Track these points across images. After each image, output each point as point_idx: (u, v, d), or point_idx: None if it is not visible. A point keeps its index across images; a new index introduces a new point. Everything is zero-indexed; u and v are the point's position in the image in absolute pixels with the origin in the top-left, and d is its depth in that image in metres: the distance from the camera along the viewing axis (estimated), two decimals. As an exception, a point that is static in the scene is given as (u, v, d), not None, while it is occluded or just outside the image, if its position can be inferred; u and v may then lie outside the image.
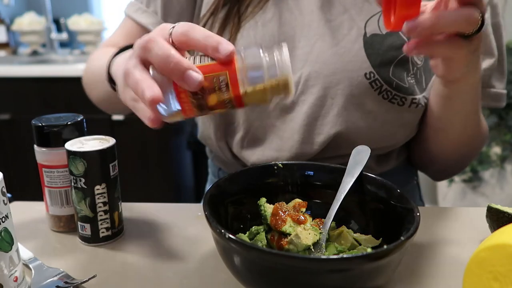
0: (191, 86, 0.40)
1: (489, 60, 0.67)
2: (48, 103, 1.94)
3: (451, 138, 0.67)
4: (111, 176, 0.55)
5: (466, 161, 0.74)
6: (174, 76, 0.41)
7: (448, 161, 0.72)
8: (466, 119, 0.64)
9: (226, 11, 0.67)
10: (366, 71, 0.62)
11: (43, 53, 2.33)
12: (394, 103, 0.64)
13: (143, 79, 0.41)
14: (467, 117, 0.63)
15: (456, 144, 0.68)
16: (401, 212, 0.48)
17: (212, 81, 0.41)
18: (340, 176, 0.53)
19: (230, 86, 0.41)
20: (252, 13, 0.66)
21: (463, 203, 2.08)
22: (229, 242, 0.40)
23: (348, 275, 0.39)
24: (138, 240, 0.59)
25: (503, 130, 2.03)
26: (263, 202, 0.53)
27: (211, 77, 0.41)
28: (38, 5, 2.28)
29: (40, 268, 0.50)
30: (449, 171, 0.78)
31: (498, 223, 0.53)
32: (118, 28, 0.79)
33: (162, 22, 0.69)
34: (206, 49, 0.41)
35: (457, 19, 0.44)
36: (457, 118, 0.64)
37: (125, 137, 1.88)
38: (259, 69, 0.42)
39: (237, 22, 0.66)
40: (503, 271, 0.36)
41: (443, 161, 0.72)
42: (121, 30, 0.77)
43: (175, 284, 0.49)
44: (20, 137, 1.97)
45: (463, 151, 0.70)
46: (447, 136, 0.67)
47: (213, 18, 0.68)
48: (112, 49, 0.66)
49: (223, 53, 0.41)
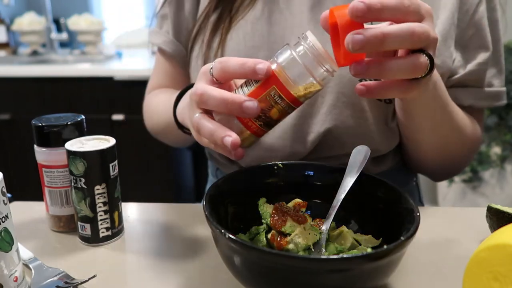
0: (252, 114, 0.45)
1: (484, 54, 0.66)
2: (48, 103, 1.94)
3: (424, 148, 0.66)
4: (111, 176, 0.55)
5: (459, 165, 0.73)
6: (235, 113, 0.45)
7: (434, 167, 0.71)
8: (434, 129, 0.62)
9: (218, 14, 0.68)
10: None
11: (43, 53, 2.33)
12: (382, 101, 0.64)
13: (215, 129, 0.46)
14: (435, 128, 0.62)
15: (434, 152, 0.67)
16: (401, 212, 0.48)
17: (267, 99, 0.45)
18: (340, 176, 0.53)
19: (283, 95, 0.45)
20: (242, 14, 0.67)
21: (463, 203, 2.08)
22: (229, 242, 0.40)
23: (348, 275, 0.39)
24: (138, 240, 0.59)
25: (503, 130, 2.03)
26: (263, 202, 0.53)
27: (264, 97, 0.45)
28: (38, 5, 2.28)
29: (40, 268, 0.50)
30: (444, 174, 0.77)
31: (498, 223, 0.53)
32: (154, 69, 0.85)
33: (174, 41, 0.75)
34: (247, 76, 0.45)
35: (403, 67, 0.42)
36: (424, 129, 0.62)
37: (125, 137, 1.88)
38: (298, 67, 0.45)
39: (228, 23, 0.68)
40: (503, 271, 0.36)
41: (429, 167, 0.72)
42: (157, 69, 0.83)
43: (175, 284, 0.49)
44: (20, 137, 1.97)
45: (447, 158, 0.69)
46: (420, 146, 0.66)
47: (206, 21, 0.70)
48: (160, 94, 0.77)
49: (262, 73, 0.44)
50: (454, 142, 0.66)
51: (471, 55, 0.66)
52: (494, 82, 0.69)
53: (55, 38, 2.29)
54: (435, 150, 0.66)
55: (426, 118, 0.59)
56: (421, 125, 0.61)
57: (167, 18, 0.76)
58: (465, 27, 0.65)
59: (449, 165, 0.71)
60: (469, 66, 0.66)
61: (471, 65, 0.66)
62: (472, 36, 0.66)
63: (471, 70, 0.66)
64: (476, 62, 0.66)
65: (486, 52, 0.66)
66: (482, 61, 0.66)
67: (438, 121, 0.60)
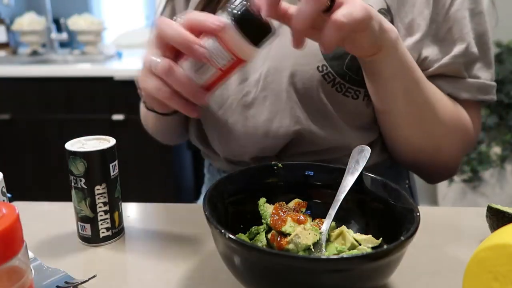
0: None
1: (460, 45, 0.65)
2: (48, 103, 1.94)
3: (399, 121, 0.64)
4: (111, 176, 0.55)
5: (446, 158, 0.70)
6: None
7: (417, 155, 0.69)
8: (405, 95, 0.61)
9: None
10: (318, 64, 0.63)
11: (43, 53, 2.33)
12: (349, 97, 0.64)
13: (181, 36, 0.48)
14: (406, 94, 0.60)
15: (410, 129, 0.65)
16: (401, 212, 0.48)
17: None
18: (340, 176, 0.53)
19: None
20: None
21: (463, 203, 2.08)
22: (229, 242, 0.40)
23: (348, 275, 0.39)
24: (138, 240, 0.59)
25: (503, 130, 2.03)
26: (263, 202, 0.53)
27: None
28: (38, 5, 2.29)
29: (40, 268, 0.50)
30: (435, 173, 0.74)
31: (498, 223, 0.53)
32: None
33: None
34: None
35: None
36: (395, 95, 0.61)
37: (125, 137, 1.88)
38: None
39: None
40: (503, 271, 0.36)
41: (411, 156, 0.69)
42: None
43: (175, 284, 0.49)
44: (20, 137, 1.97)
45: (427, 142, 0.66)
46: (395, 119, 0.64)
47: None
48: None
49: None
50: (430, 118, 0.64)
51: (448, 49, 0.65)
52: (480, 74, 0.67)
53: (55, 38, 2.29)
54: (410, 125, 0.64)
55: (395, 79, 0.58)
56: (392, 89, 0.60)
57: None
58: (441, 21, 0.65)
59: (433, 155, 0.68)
60: (443, 59, 0.65)
61: (446, 58, 0.65)
62: (449, 29, 0.65)
63: (445, 63, 0.65)
64: (451, 55, 0.64)
65: (462, 44, 0.65)
66: (458, 53, 0.64)
67: (407, 85, 0.60)
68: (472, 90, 0.67)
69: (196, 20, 0.48)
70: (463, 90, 0.67)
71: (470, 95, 0.67)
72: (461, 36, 0.65)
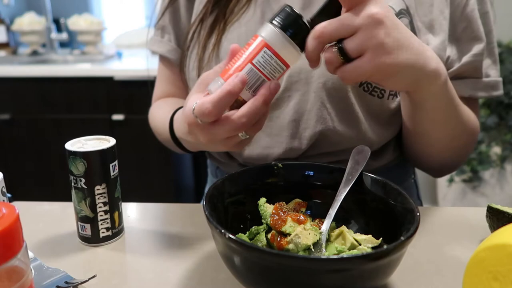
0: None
1: (478, 45, 0.66)
2: (48, 103, 1.94)
3: (432, 142, 0.66)
4: (111, 176, 0.55)
5: (461, 157, 0.73)
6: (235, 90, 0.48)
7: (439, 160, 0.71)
8: (445, 122, 0.62)
9: (213, 17, 0.69)
10: None
11: (43, 53, 2.33)
12: (375, 96, 0.65)
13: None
14: (446, 120, 0.62)
15: (442, 145, 0.67)
16: (401, 212, 0.48)
17: None
18: (340, 176, 0.53)
19: None
20: (237, 16, 0.68)
21: (463, 203, 2.08)
22: (229, 242, 0.40)
23: (348, 275, 0.39)
24: (138, 240, 0.59)
25: (503, 130, 2.03)
26: (263, 202, 0.53)
27: None
28: (38, 5, 2.28)
29: (40, 268, 0.50)
30: (445, 169, 0.76)
31: (498, 223, 0.53)
32: (157, 77, 0.85)
33: (177, 48, 0.77)
34: None
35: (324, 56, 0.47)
36: (435, 122, 0.62)
37: (125, 137, 1.88)
38: None
39: (223, 25, 0.69)
40: (503, 271, 0.36)
41: (435, 161, 0.72)
42: (161, 78, 0.84)
43: (175, 284, 0.49)
44: (20, 137, 1.97)
45: (453, 151, 0.69)
46: (429, 140, 0.66)
47: (201, 24, 0.71)
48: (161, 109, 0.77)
49: None
50: (460, 134, 0.66)
51: (466, 48, 0.67)
52: (490, 72, 0.69)
53: (55, 38, 2.29)
54: (444, 143, 0.66)
55: (439, 111, 0.60)
56: (434, 118, 0.61)
57: (167, 27, 0.77)
58: (458, 21, 0.66)
59: (453, 158, 0.71)
60: (464, 58, 0.66)
61: (466, 57, 0.66)
62: (465, 28, 0.66)
63: (467, 61, 0.66)
64: (471, 54, 0.66)
65: (480, 44, 0.66)
66: (477, 52, 0.66)
67: (448, 113, 0.61)
68: (487, 89, 0.69)
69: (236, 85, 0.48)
70: (480, 90, 0.68)
71: (486, 94, 0.69)
72: (478, 35, 0.66)
